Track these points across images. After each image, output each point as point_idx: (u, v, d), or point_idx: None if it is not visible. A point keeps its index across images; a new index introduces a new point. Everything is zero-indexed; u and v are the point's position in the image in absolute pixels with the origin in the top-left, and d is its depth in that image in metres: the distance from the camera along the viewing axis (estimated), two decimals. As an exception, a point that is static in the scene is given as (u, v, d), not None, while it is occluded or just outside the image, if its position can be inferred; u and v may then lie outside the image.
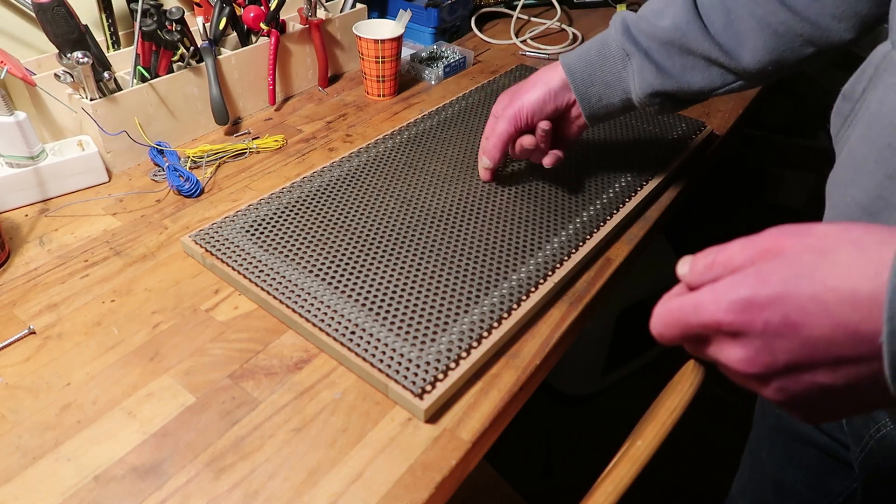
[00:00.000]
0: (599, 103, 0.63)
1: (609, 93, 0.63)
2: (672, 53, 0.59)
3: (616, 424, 1.48)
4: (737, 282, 0.31)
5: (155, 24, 0.75)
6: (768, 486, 0.70)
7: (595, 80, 0.62)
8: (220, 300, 0.60)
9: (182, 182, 0.73)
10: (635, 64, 0.60)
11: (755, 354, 0.31)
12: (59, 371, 0.53)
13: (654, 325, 0.35)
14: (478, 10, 1.23)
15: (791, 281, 0.29)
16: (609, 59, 0.61)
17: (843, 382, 0.30)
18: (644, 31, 0.60)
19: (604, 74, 0.62)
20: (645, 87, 0.60)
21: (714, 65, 0.59)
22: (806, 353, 0.29)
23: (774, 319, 0.29)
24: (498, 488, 0.92)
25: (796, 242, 0.30)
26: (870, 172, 0.40)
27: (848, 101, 0.46)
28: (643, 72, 0.60)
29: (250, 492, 0.45)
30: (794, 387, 0.31)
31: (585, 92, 0.63)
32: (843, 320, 0.28)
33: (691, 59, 0.59)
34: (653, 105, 0.62)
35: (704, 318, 0.32)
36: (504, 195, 0.71)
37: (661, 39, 0.59)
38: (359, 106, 0.95)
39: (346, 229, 0.66)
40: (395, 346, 0.53)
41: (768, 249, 0.31)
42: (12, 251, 0.65)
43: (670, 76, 0.59)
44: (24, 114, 0.68)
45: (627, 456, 0.49)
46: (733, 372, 0.33)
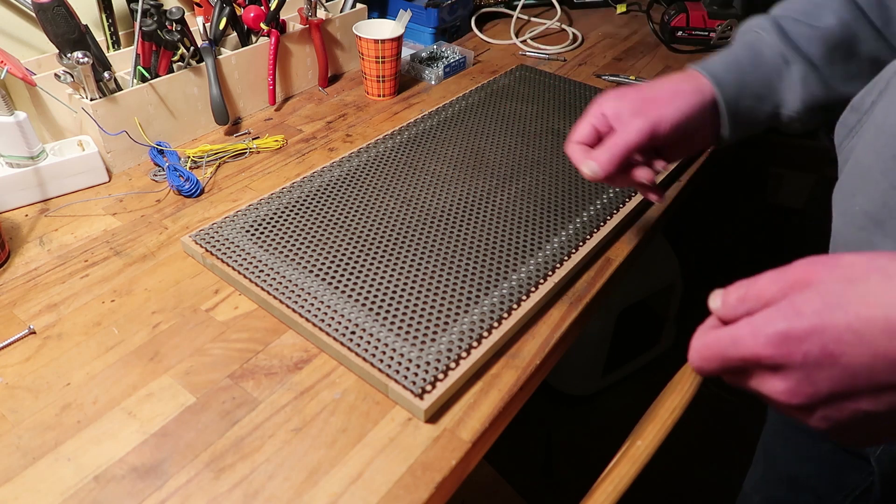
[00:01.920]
0: (746, 119, 0.55)
1: (758, 108, 0.55)
2: (837, 59, 0.52)
3: (616, 424, 1.48)
4: (773, 315, 0.31)
5: (155, 24, 0.75)
6: (783, 481, 0.70)
7: (745, 93, 0.54)
8: (220, 300, 0.60)
9: (182, 182, 0.73)
10: (796, 73, 0.53)
11: (797, 386, 0.31)
12: (59, 371, 0.53)
13: (692, 359, 0.35)
14: (478, 10, 1.23)
15: (825, 312, 0.30)
16: (762, 67, 0.54)
17: (886, 408, 0.30)
18: (805, 35, 0.52)
19: (755, 86, 0.54)
20: (806, 100, 0.53)
21: (877, 70, 0.50)
22: (847, 383, 0.30)
23: (814, 351, 0.30)
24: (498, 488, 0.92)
25: (825, 273, 0.31)
26: (875, 182, 0.41)
27: (856, 112, 0.46)
28: (806, 81, 0.52)
29: (250, 492, 0.45)
30: (839, 415, 0.31)
31: (735, 107, 0.54)
32: (881, 349, 0.29)
33: (856, 64, 0.52)
34: (805, 120, 0.55)
35: (744, 352, 0.32)
36: (504, 195, 0.71)
37: (828, 43, 0.52)
38: (359, 106, 0.95)
39: (346, 229, 0.66)
40: (395, 346, 0.53)
41: (798, 281, 0.31)
42: (12, 251, 0.65)
43: (832, 87, 0.52)
44: (24, 114, 0.68)
45: (627, 456, 0.49)
46: (776, 403, 0.33)
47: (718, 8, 1.14)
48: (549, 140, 0.81)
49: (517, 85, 0.95)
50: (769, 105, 0.55)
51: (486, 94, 0.93)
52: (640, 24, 1.27)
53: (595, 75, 1.05)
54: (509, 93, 0.93)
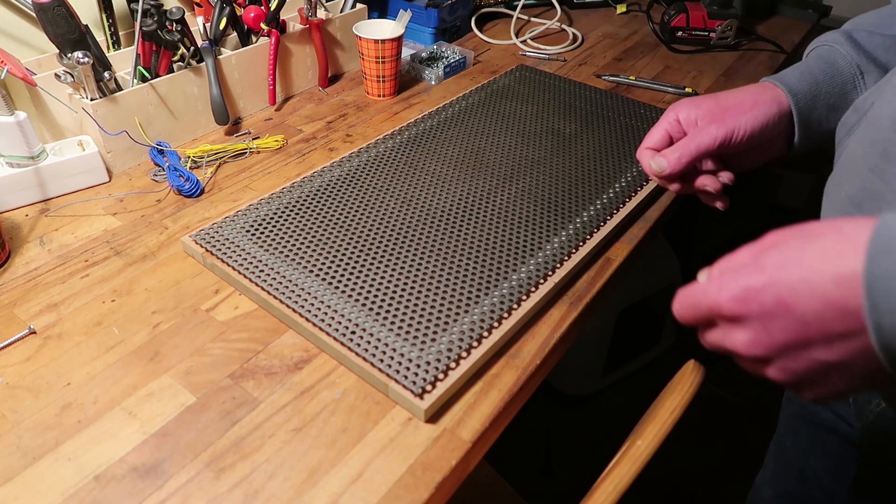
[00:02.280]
0: (819, 128, 0.56)
1: (831, 117, 0.55)
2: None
3: (616, 424, 1.48)
4: (737, 273, 0.35)
5: (155, 24, 0.75)
6: (792, 474, 0.71)
7: (819, 103, 0.54)
8: (220, 300, 0.60)
9: (182, 182, 0.73)
10: (872, 82, 0.53)
11: (755, 336, 0.34)
12: (60, 371, 0.53)
13: (674, 307, 0.39)
14: (478, 11, 1.23)
15: (782, 267, 0.33)
16: (837, 78, 0.54)
17: (839, 358, 0.32)
18: (879, 45, 0.53)
19: (829, 96, 0.54)
20: None
21: None
22: (801, 332, 0.32)
23: (769, 302, 0.33)
24: (498, 488, 0.92)
25: (789, 235, 0.34)
26: (857, 169, 0.43)
27: (857, 112, 0.47)
28: None
29: (250, 492, 0.45)
30: (795, 365, 0.34)
31: (808, 117, 0.55)
32: (830, 298, 0.31)
33: None
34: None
35: (710, 302, 0.35)
36: (504, 195, 0.71)
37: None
38: (359, 106, 0.95)
39: (346, 229, 0.66)
40: (395, 346, 0.53)
41: (766, 245, 0.35)
42: (12, 251, 0.65)
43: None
44: (24, 114, 0.68)
45: (627, 456, 0.49)
46: (740, 357, 0.36)
47: (718, 8, 1.14)
48: (550, 140, 0.81)
49: (517, 85, 0.95)
50: (842, 114, 0.55)
51: (486, 94, 0.93)
52: (640, 24, 1.27)
53: (595, 75, 1.05)
54: (509, 93, 0.93)
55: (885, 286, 0.29)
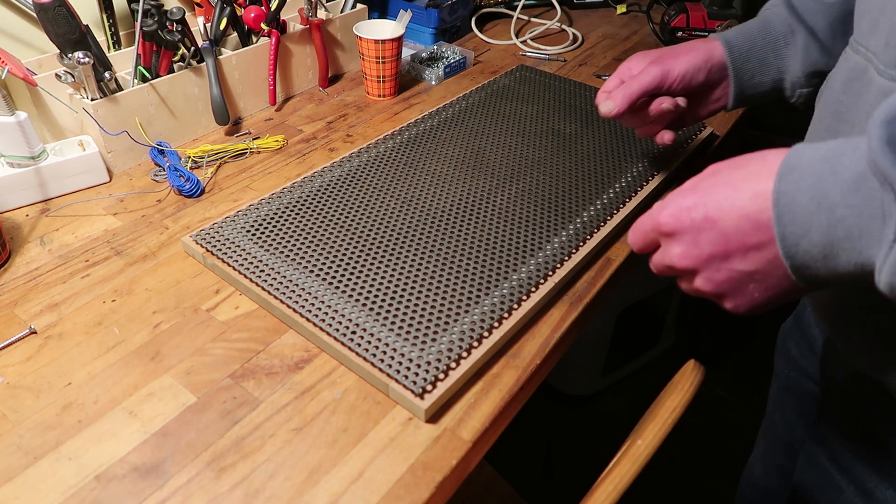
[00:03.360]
0: (751, 81, 0.62)
1: (763, 70, 0.62)
2: (837, 31, 0.58)
3: (616, 424, 1.49)
4: (676, 195, 0.41)
5: (156, 25, 0.75)
6: (780, 448, 0.74)
7: (752, 56, 0.61)
8: (220, 300, 0.60)
9: (183, 182, 0.73)
10: (800, 41, 0.59)
11: (687, 249, 0.39)
12: (60, 371, 0.53)
13: (628, 237, 0.46)
14: (478, 11, 1.23)
15: (712, 188, 0.38)
16: (770, 35, 0.61)
17: (754, 268, 0.37)
18: (810, 9, 0.59)
19: (762, 51, 0.61)
20: (808, 66, 0.60)
21: None
22: (723, 244, 0.38)
23: (697, 217, 0.38)
24: (498, 488, 0.92)
25: (723, 164, 0.39)
26: (817, 130, 0.49)
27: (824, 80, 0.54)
28: (808, 49, 0.59)
29: (251, 491, 0.45)
30: (718, 276, 0.39)
31: (741, 67, 0.62)
32: (747, 212, 0.36)
33: None
34: (809, 87, 0.61)
35: (652, 221, 0.42)
36: (504, 195, 0.71)
37: (829, 17, 0.58)
38: (359, 106, 0.95)
39: (346, 229, 0.66)
40: (395, 346, 0.53)
41: (705, 174, 0.40)
42: (13, 251, 0.66)
43: (834, 55, 0.58)
44: (24, 114, 0.68)
45: (627, 456, 0.49)
46: (677, 272, 0.42)
47: (718, 8, 1.14)
48: (550, 140, 0.82)
49: (517, 85, 0.95)
50: (774, 70, 0.62)
51: (487, 94, 0.93)
52: (640, 25, 1.27)
53: (595, 75, 1.05)
54: (509, 93, 0.93)
55: (790, 200, 0.34)
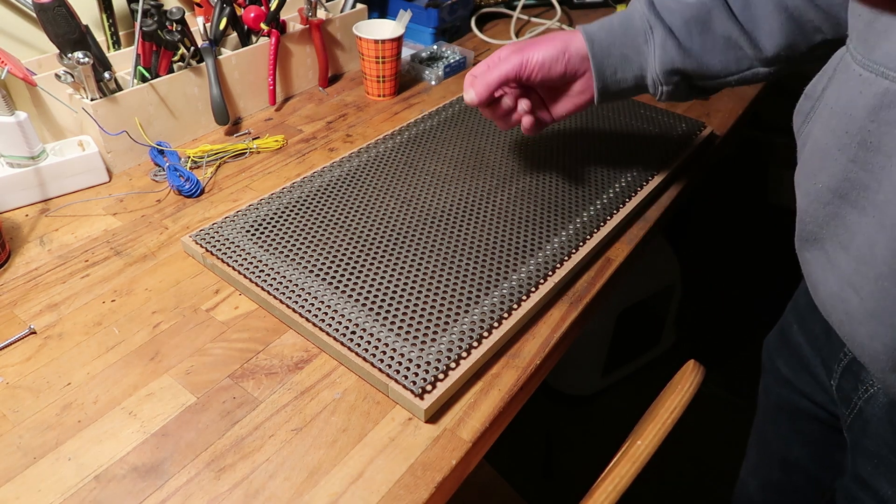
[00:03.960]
0: (613, 77, 0.62)
1: (625, 67, 0.62)
2: (693, 31, 0.59)
3: (616, 424, 1.48)
4: None
5: (155, 25, 0.75)
6: (775, 464, 0.73)
7: (613, 52, 0.61)
8: (220, 300, 0.60)
9: (182, 182, 0.73)
10: (657, 38, 0.60)
11: None
12: (60, 371, 0.53)
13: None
14: (478, 11, 1.23)
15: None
16: (631, 31, 0.61)
17: None
18: (668, 8, 0.60)
19: (623, 46, 0.61)
20: (665, 63, 0.60)
21: (733, 47, 0.59)
22: None
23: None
24: (498, 488, 0.92)
25: None
26: (834, 159, 0.44)
27: (809, 99, 0.51)
28: (665, 46, 0.60)
29: (251, 491, 0.45)
30: None
31: (602, 62, 0.62)
32: None
33: (711, 38, 0.59)
34: (668, 84, 0.62)
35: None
36: (504, 195, 0.71)
37: (685, 16, 0.59)
38: (359, 106, 0.95)
39: (346, 229, 0.66)
40: (395, 346, 0.53)
41: None
42: (13, 251, 0.65)
43: (690, 54, 0.60)
44: (24, 114, 0.68)
45: (627, 456, 0.49)
46: None
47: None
48: (550, 140, 0.81)
49: (517, 85, 0.95)
50: (636, 66, 0.62)
51: (487, 94, 0.93)
52: (640, 25, 1.27)
53: (595, 75, 1.05)
54: (509, 93, 0.93)
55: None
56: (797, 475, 0.70)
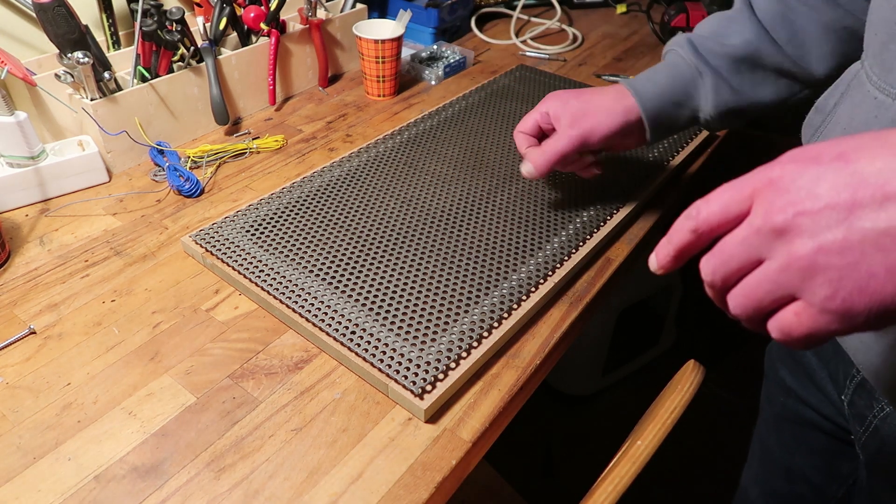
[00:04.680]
0: (668, 122, 0.63)
1: (678, 112, 0.62)
2: (743, 70, 0.59)
3: (616, 424, 1.48)
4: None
5: (155, 25, 0.75)
6: (779, 473, 0.72)
7: (665, 102, 0.61)
8: (220, 300, 0.60)
9: (182, 182, 0.73)
10: (708, 83, 0.60)
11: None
12: (60, 371, 0.53)
13: (736, 303, 0.31)
14: (478, 11, 1.23)
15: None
16: (679, 79, 0.61)
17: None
18: (713, 52, 0.60)
19: (674, 95, 0.61)
20: (719, 106, 0.60)
21: (784, 77, 0.59)
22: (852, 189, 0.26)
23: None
24: (498, 488, 0.92)
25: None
26: None
27: (820, 113, 0.50)
28: (718, 90, 0.59)
29: (250, 491, 0.45)
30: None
31: (655, 117, 0.62)
32: None
33: (761, 73, 0.59)
34: (720, 121, 0.62)
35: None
36: (504, 195, 0.71)
37: (733, 57, 0.59)
38: (359, 106, 0.95)
39: (346, 229, 0.66)
40: (395, 346, 0.53)
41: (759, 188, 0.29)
42: (12, 251, 0.65)
43: (742, 93, 0.59)
44: (24, 114, 0.68)
45: (627, 456, 0.49)
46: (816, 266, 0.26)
47: (718, 8, 1.14)
48: (549, 140, 0.81)
49: (517, 85, 0.95)
50: (688, 110, 0.62)
51: (486, 94, 0.93)
52: (640, 25, 1.27)
53: (595, 75, 1.05)
54: (509, 93, 0.93)
55: None
56: (800, 485, 0.69)
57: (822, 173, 0.26)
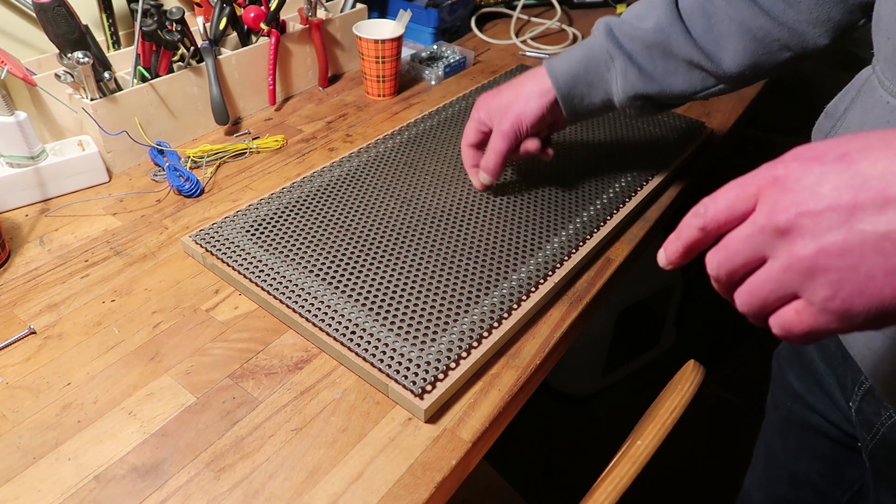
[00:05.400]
0: (581, 103, 0.64)
1: (591, 93, 0.63)
2: (655, 56, 0.60)
3: (616, 424, 1.48)
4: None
5: (155, 24, 0.75)
6: (783, 478, 0.71)
7: (579, 82, 0.63)
8: (220, 300, 0.60)
9: (182, 182, 0.73)
10: (618, 67, 0.61)
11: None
12: (60, 371, 0.53)
13: (742, 299, 0.31)
14: (478, 10, 1.23)
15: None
16: (593, 62, 0.62)
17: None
18: (627, 35, 0.60)
19: (587, 75, 0.62)
20: (627, 90, 0.61)
21: (695, 68, 0.59)
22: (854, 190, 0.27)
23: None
24: (498, 488, 0.92)
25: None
26: None
27: (830, 118, 0.49)
28: (626, 74, 0.60)
29: (250, 491, 0.45)
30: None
31: (568, 93, 0.63)
32: None
33: (673, 62, 0.60)
34: (633, 107, 0.63)
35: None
36: (504, 195, 0.71)
37: (645, 42, 0.59)
38: (359, 106, 0.95)
39: (346, 229, 0.66)
40: (395, 346, 0.53)
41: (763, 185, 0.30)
42: (12, 251, 0.65)
43: (652, 79, 0.60)
44: (24, 114, 0.68)
45: (627, 456, 0.49)
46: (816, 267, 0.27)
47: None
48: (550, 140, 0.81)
49: (517, 85, 0.95)
50: (601, 92, 0.63)
51: (487, 94, 0.93)
52: (640, 25, 1.27)
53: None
54: (509, 93, 0.93)
55: None
56: (805, 491, 0.68)
57: (825, 173, 0.27)
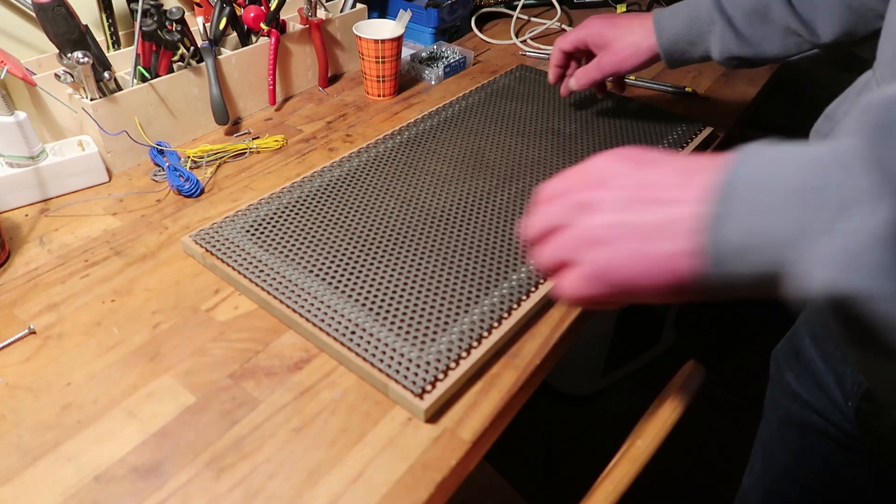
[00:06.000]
0: (681, 57, 0.72)
1: (692, 49, 0.70)
2: (753, 22, 0.64)
3: (616, 424, 1.48)
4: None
5: (155, 24, 0.75)
6: (782, 478, 0.71)
7: (680, 41, 0.70)
8: (220, 300, 0.60)
9: (182, 182, 0.73)
10: (718, 30, 0.66)
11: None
12: (60, 371, 0.53)
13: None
14: (478, 11, 1.23)
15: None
16: (696, 23, 0.68)
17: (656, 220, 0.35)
18: (730, 2, 0.65)
19: (689, 35, 0.69)
20: (724, 52, 0.67)
21: (791, 34, 0.63)
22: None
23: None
24: (498, 488, 0.92)
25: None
26: None
27: (829, 120, 0.50)
28: (724, 38, 0.66)
29: (250, 491, 0.45)
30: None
31: (669, 49, 0.71)
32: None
33: (770, 27, 0.64)
34: (729, 65, 0.69)
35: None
36: (504, 195, 0.71)
37: (745, 8, 0.64)
38: (359, 106, 0.95)
39: (346, 229, 0.66)
40: (395, 346, 0.53)
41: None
42: (12, 251, 0.65)
43: (749, 43, 0.65)
44: (24, 114, 0.68)
45: (627, 456, 0.49)
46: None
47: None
48: (549, 140, 0.81)
49: (517, 85, 0.95)
50: (701, 49, 0.70)
51: (486, 94, 0.93)
52: (640, 24, 1.27)
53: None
54: (509, 93, 0.93)
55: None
56: (804, 491, 0.68)
57: (628, 171, 0.35)
